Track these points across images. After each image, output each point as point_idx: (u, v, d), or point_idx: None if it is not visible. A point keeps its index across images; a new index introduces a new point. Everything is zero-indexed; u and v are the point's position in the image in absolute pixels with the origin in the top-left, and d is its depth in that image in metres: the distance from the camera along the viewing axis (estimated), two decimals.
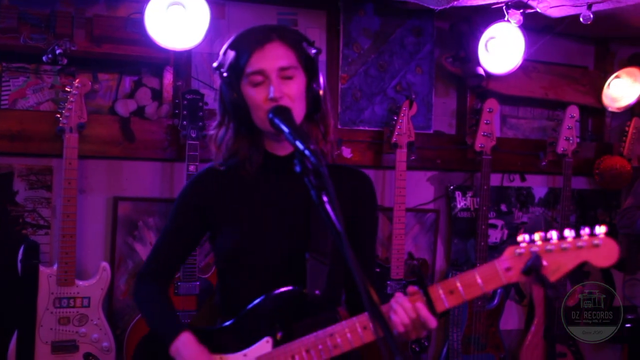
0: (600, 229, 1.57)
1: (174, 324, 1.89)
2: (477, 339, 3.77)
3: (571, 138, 3.89)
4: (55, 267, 3.05)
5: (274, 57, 1.77)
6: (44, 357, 3.02)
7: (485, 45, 3.65)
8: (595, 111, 4.28)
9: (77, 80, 3.06)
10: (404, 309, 1.65)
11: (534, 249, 1.59)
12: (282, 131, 1.68)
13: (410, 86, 3.83)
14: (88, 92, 3.13)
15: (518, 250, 1.60)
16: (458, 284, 1.63)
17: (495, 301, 3.85)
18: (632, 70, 4.08)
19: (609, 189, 4.20)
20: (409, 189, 3.76)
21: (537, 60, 4.08)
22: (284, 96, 1.76)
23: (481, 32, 3.62)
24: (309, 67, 1.84)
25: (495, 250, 4.02)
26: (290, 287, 1.83)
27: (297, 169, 1.54)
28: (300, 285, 1.82)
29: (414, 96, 3.63)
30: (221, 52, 1.83)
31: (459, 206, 3.96)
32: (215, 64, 1.85)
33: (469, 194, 3.97)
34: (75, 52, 3.09)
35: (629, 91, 4.10)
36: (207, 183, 1.93)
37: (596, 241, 1.56)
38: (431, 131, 3.90)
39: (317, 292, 1.82)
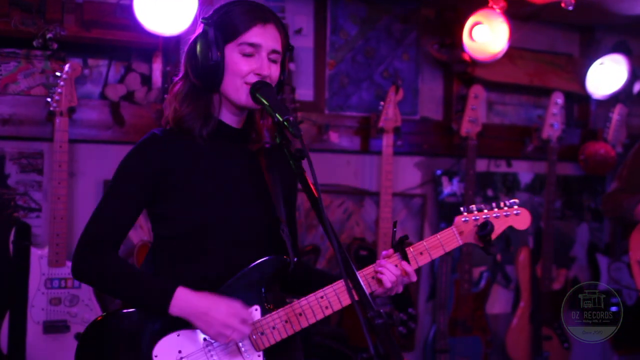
0: (516, 202, 2.07)
1: (164, 281, 1.81)
2: (463, 322, 3.83)
3: (556, 124, 3.95)
4: (46, 248, 3.10)
5: (272, 38, 1.84)
6: (36, 337, 3.06)
7: (470, 32, 3.71)
8: (580, 98, 4.35)
9: (67, 65, 3.10)
10: (388, 269, 1.88)
11: (477, 216, 1.99)
12: (263, 103, 1.77)
13: (397, 72, 3.88)
14: (78, 76, 3.17)
15: (464, 218, 1.99)
16: (425, 246, 1.96)
17: (481, 285, 3.91)
18: (616, 57, 4.14)
19: (594, 174, 4.27)
20: (397, 174, 3.82)
21: (523, 47, 4.14)
22: (268, 77, 1.83)
23: (467, 19, 3.68)
24: (284, 59, 1.92)
25: None
26: (274, 256, 1.88)
27: (278, 139, 1.69)
28: (266, 251, 1.88)
29: (400, 82, 3.68)
30: (217, 9, 1.85)
31: (445, 191, 4.02)
32: (205, 17, 1.84)
33: (456, 179, 4.03)
34: (65, 37, 3.13)
35: (613, 78, 4.16)
36: (158, 146, 1.86)
37: (517, 211, 2.05)
38: (417, 117, 3.96)
39: (295, 259, 1.90)
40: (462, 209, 2.01)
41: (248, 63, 1.82)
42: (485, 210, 2.02)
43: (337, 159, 3.80)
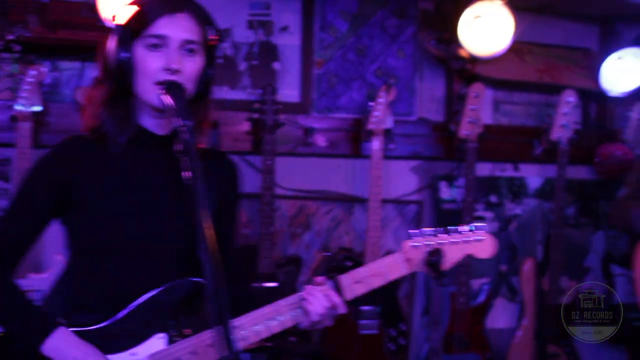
0: (482, 225, 1.80)
1: (46, 317, 1.65)
2: (460, 338, 3.57)
3: (568, 124, 3.65)
4: None
5: (184, 28, 1.66)
6: None
7: (469, 26, 3.43)
8: (598, 96, 4.00)
9: (32, 68, 2.99)
10: (316, 299, 1.71)
11: (430, 242, 1.77)
12: (169, 107, 1.60)
13: (391, 71, 3.64)
14: (43, 79, 3.05)
15: (414, 244, 1.77)
16: (363, 274, 1.76)
17: (481, 298, 3.65)
18: (636, 51, 3.79)
19: (611, 178, 3.93)
20: (391, 180, 3.60)
21: (533, 41, 3.84)
22: (180, 72, 1.64)
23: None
24: (209, 52, 1.73)
25: None
26: (185, 279, 1.69)
27: (178, 147, 1.55)
28: (184, 272, 1.69)
29: (392, 81, 3.46)
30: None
31: (444, 197, 3.76)
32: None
33: (456, 184, 3.76)
34: (29, 39, 3.01)
35: (631, 74, 3.82)
36: (70, 154, 1.71)
37: (479, 237, 1.79)
38: (414, 118, 3.71)
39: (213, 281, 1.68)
40: (410, 232, 1.81)
41: (155, 58, 1.63)
42: (442, 235, 1.79)
43: (326, 163, 3.59)
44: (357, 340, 3.43)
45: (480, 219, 3.83)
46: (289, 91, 3.47)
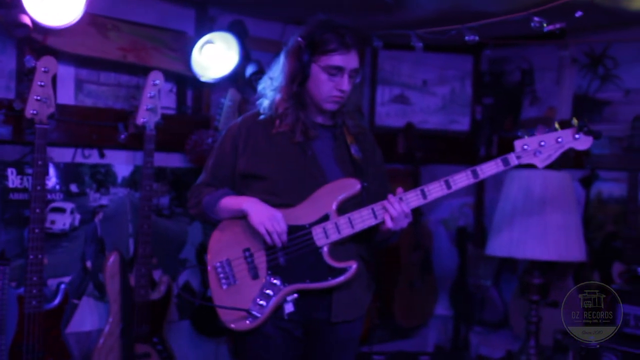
0: None
1: None
2: (31, 346, 3.10)
3: (155, 108, 3.42)
4: None
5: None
6: None
7: None
8: (196, 82, 3.86)
9: None
10: None
11: None
12: None
13: None
14: None
15: None
16: None
17: (57, 300, 3.22)
18: (226, 36, 3.73)
19: (202, 166, 3.81)
20: None
21: (121, 18, 3.54)
22: None
23: None
24: None
25: (63, 239, 3.41)
26: None
27: None
28: None
29: None
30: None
31: (12, 186, 3.26)
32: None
33: (28, 171, 3.29)
34: None
35: (222, 60, 3.75)
36: None
37: None
38: None
39: None
40: None
41: None
42: None
43: None
44: None
45: (60, 210, 3.42)
46: None
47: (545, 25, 3.05)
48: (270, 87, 2.66)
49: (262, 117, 2.66)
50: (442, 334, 5.00)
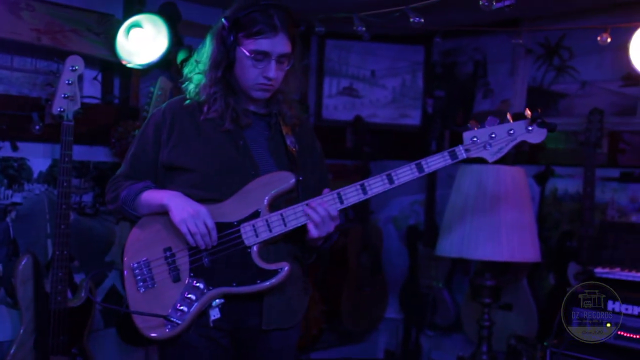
0: None
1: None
2: None
3: (75, 96, 3.10)
4: None
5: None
6: None
7: None
8: (125, 70, 3.55)
9: None
10: None
11: None
12: None
13: None
14: None
15: None
16: None
17: None
18: (155, 19, 3.43)
19: None
20: None
21: None
22: None
23: None
24: None
25: None
26: None
27: None
28: None
29: None
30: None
31: None
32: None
33: None
34: None
35: (150, 45, 3.45)
36: None
37: None
38: None
39: None
40: None
41: None
42: None
43: None
44: None
45: None
46: None
47: (494, 2, 2.83)
48: (195, 71, 2.39)
49: (188, 102, 2.38)
50: (393, 338, 4.77)
